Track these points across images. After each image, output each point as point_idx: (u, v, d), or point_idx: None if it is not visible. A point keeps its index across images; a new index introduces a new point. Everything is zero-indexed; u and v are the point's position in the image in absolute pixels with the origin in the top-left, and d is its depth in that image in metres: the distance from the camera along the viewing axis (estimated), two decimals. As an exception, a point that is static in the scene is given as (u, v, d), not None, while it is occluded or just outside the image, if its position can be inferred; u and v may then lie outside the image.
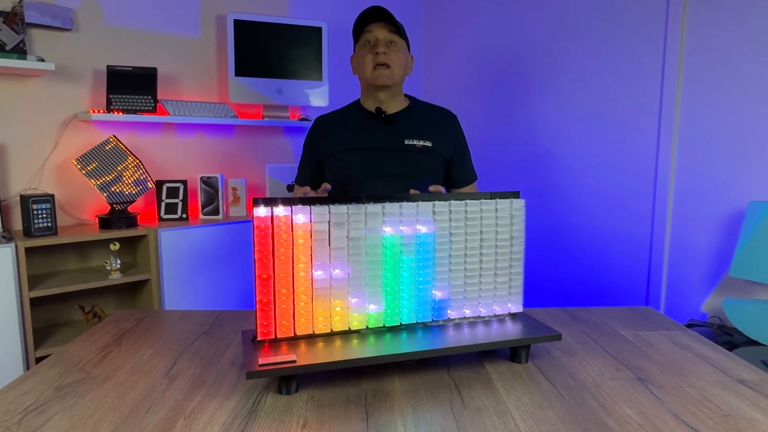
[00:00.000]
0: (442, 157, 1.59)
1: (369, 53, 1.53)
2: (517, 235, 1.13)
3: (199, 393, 0.95)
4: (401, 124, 1.58)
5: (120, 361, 1.10)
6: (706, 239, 2.29)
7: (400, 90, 1.62)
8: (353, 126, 1.60)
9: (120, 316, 1.39)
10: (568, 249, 2.71)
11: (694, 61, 2.26)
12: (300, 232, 0.98)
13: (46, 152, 2.21)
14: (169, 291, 2.20)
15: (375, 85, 1.55)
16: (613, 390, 0.96)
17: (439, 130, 1.60)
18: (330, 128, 1.63)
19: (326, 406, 0.90)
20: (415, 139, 1.55)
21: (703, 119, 2.26)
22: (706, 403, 0.91)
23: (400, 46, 1.55)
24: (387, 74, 1.52)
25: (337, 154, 1.58)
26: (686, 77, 2.29)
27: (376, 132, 1.57)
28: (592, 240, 2.62)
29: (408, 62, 1.60)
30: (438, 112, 1.65)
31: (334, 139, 1.59)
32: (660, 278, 2.41)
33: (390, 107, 1.59)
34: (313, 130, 1.66)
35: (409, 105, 1.63)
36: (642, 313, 1.41)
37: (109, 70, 2.24)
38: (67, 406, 0.90)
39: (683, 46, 2.28)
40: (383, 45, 1.52)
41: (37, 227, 1.97)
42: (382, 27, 1.52)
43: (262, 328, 0.99)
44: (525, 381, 1.00)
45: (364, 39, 1.55)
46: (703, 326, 2.22)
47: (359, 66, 1.58)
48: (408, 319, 1.07)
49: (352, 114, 1.63)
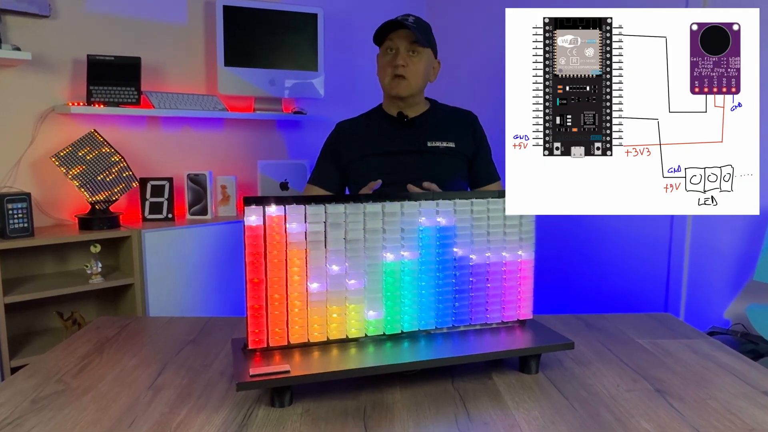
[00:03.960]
0: (465, 157, 1.69)
1: (388, 64, 1.62)
2: (526, 237, 1.13)
3: (185, 406, 0.95)
4: (423, 127, 1.67)
5: (101, 371, 1.10)
6: (730, 241, 2.29)
7: (421, 97, 1.72)
8: (376, 131, 1.70)
9: (101, 324, 1.39)
10: (582, 251, 2.71)
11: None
12: (294, 233, 0.98)
13: (22, 148, 2.21)
14: (154, 296, 2.19)
15: (391, 95, 1.65)
16: (630, 403, 0.96)
17: (461, 130, 1.70)
18: (352, 133, 1.72)
19: (322, 419, 0.90)
20: (438, 141, 1.65)
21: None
22: (729, 416, 0.91)
23: (422, 55, 1.62)
24: (404, 85, 1.61)
25: (361, 159, 1.67)
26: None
27: (399, 136, 1.66)
28: (607, 241, 2.62)
29: (430, 70, 1.68)
30: (459, 113, 1.75)
31: (357, 145, 1.68)
32: (680, 282, 2.41)
33: (411, 112, 1.69)
34: (334, 135, 1.76)
35: (429, 108, 1.72)
36: (660, 319, 1.41)
37: (90, 59, 2.24)
38: (44, 420, 0.90)
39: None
40: (403, 57, 1.59)
41: (12, 228, 1.97)
42: (404, 37, 1.59)
43: (254, 336, 0.99)
44: (535, 393, 1.00)
45: (385, 46, 1.64)
46: (726, 334, 2.22)
47: (380, 73, 1.67)
48: (410, 326, 1.07)
49: (375, 119, 1.73)
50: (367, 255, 1.02)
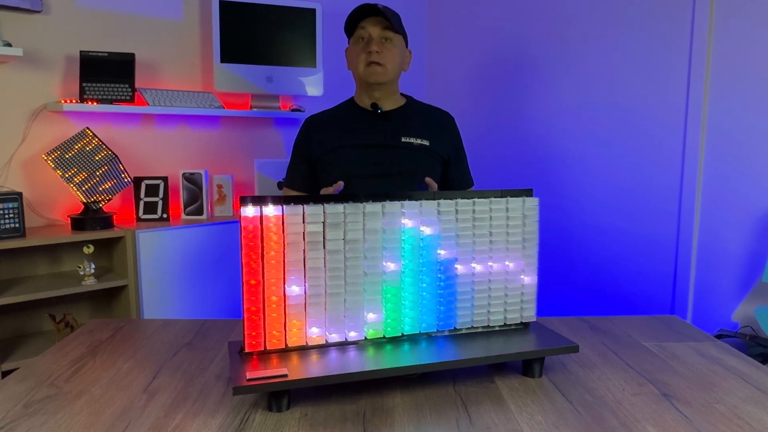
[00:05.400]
0: (440, 158, 1.65)
1: (362, 51, 1.58)
2: (529, 237, 1.13)
3: (181, 410, 0.95)
4: (397, 121, 1.63)
5: (94, 375, 1.10)
6: (738, 242, 2.29)
7: (396, 87, 1.67)
8: (347, 123, 1.65)
9: (94, 326, 1.39)
10: (586, 252, 2.71)
11: (723, 50, 2.26)
12: (292, 233, 0.98)
13: (13, 146, 2.21)
14: (149, 298, 2.20)
15: (367, 81, 1.60)
16: (635, 407, 0.96)
17: (437, 129, 1.66)
18: (322, 127, 1.68)
19: (321, 424, 0.90)
20: (412, 137, 1.60)
21: (734, 111, 2.26)
22: (737, 421, 0.91)
23: (395, 42, 1.59)
24: (380, 71, 1.57)
25: (331, 152, 1.62)
26: (715, 69, 2.29)
27: (372, 129, 1.62)
28: (612, 242, 2.62)
29: (404, 58, 1.65)
30: (436, 112, 1.71)
31: (327, 138, 1.64)
32: (687, 284, 2.41)
33: (386, 104, 1.65)
34: (303, 130, 1.72)
35: (405, 103, 1.68)
36: (667, 322, 1.41)
37: (83, 56, 2.24)
38: (37, 425, 0.90)
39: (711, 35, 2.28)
40: (377, 42, 1.57)
41: (3, 228, 1.98)
42: (376, 23, 1.57)
43: (251, 339, 0.99)
44: (539, 397, 1.00)
45: (357, 35, 1.60)
46: (734, 337, 2.23)
47: (352, 62, 1.63)
48: (410, 329, 1.07)
49: (346, 111, 1.68)
50: (367, 256, 1.03)
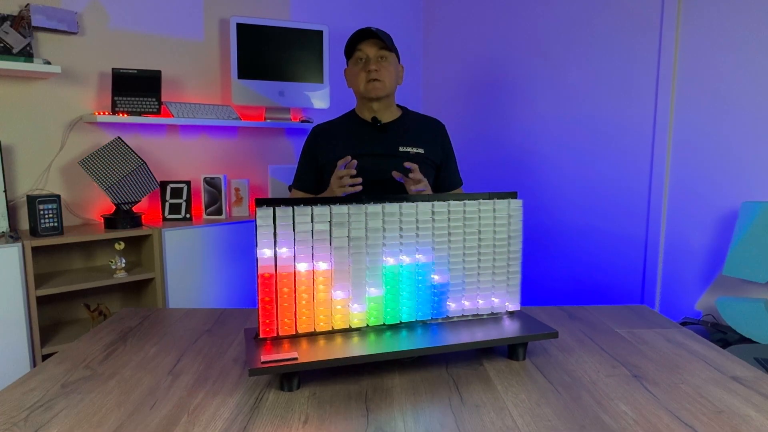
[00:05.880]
0: (434, 163, 1.66)
1: (362, 70, 1.60)
2: (514, 235, 1.13)
3: (202, 390, 0.95)
4: (395, 132, 1.65)
5: (125, 358, 1.10)
6: (701, 238, 2.29)
7: (393, 100, 1.69)
8: (350, 134, 1.66)
9: (125, 315, 1.39)
10: (565, 248, 2.71)
11: (689, 60, 2.26)
12: (301, 231, 0.98)
13: (53, 153, 2.21)
14: (173, 289, 2.19)
15: (369, 97, 1.62)
16: (609, 387, 0.96)
17: (431, 137, 1.67)
18: (328, 136, 1.69)
19: (327, 402, 0.90)
20: (409, 147, 1.62)
21: (697, 122, 2.26)
22: (700, 399, 0.91)
23: (390, 59, 1.62)
24: (379, 86, 1.59)
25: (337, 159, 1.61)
26: (681, 77, 2.29)
27: (372, 140, 1.63)
28: (588, 239, 2.62)
29: (398, 72, 1.67)
30: (429, 121, 1.73)
31: (332, 147, 1.65)
32: (655, 277, 2.41)
33: (384, 117, 1.66)
34: (311, 137, 1.73)
35: (401, 115, 1.70)
36: (637, 311, 1.41)
37: (114, 72, 2.24)
38: (73, 403, 0.90)
39: (678, 46, 2.28)
40: (374, 61, 1.59)
41: (43, 227, 1.97)
42: (372, 45, 1.60)
43: (264, 326, 0.99)
44: (522, 378, 1.00)
45: (356, 56, 1.62)
46: (698, 324, 2.22)
47: (353, 81, 1.65)
48: (408, 317, 1.07)
49: (349, 123, 1.70)
50: (369, 252, 1.03)
